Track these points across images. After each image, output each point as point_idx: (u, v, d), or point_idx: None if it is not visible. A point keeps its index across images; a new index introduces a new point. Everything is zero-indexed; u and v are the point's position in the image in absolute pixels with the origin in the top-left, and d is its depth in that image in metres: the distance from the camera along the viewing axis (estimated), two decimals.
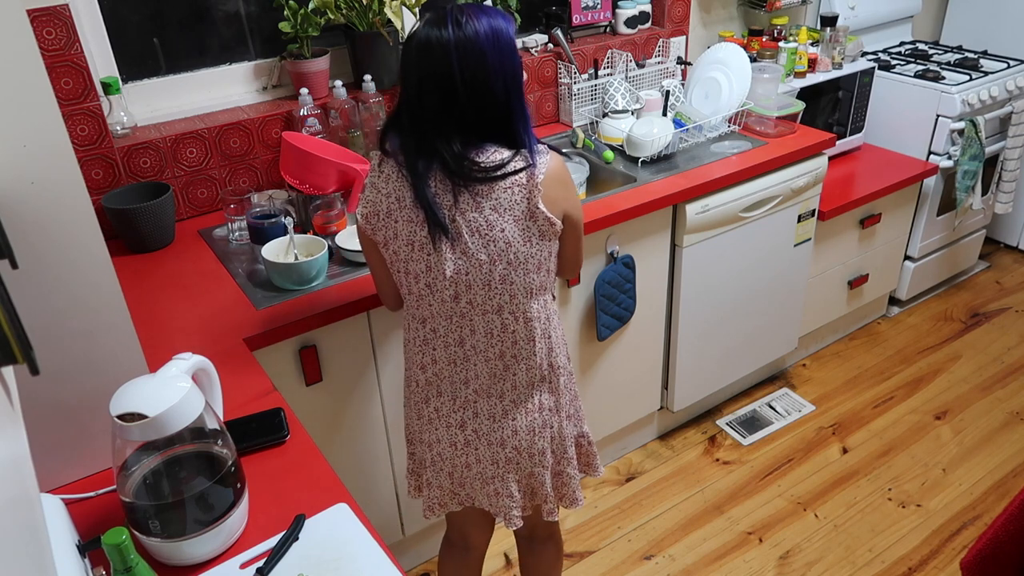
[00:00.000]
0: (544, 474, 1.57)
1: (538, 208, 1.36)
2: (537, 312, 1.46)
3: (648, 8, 2.77)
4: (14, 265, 0.77)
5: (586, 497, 2.49)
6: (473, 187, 1.35)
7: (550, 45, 2.62)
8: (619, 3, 2.71)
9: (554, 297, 1.54)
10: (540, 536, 1.80)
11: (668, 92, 2.45)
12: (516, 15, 2.51)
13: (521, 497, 1.59)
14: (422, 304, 1.46)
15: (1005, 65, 3.15)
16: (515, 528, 1.60)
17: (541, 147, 1.41)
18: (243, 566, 1.15)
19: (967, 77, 3.03)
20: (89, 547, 1.10)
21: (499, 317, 1.44)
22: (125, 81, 2.10)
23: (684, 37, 2.86)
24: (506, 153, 1.36)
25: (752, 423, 2.79)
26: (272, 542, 1.18)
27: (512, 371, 1.48)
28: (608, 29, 2.77)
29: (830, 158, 2.73)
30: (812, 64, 2.82)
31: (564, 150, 2.50)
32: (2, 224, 0.87)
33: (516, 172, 1.35)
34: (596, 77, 2.60)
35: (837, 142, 2.83)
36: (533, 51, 2.58)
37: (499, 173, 1.34)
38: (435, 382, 1.52)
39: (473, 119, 1.34)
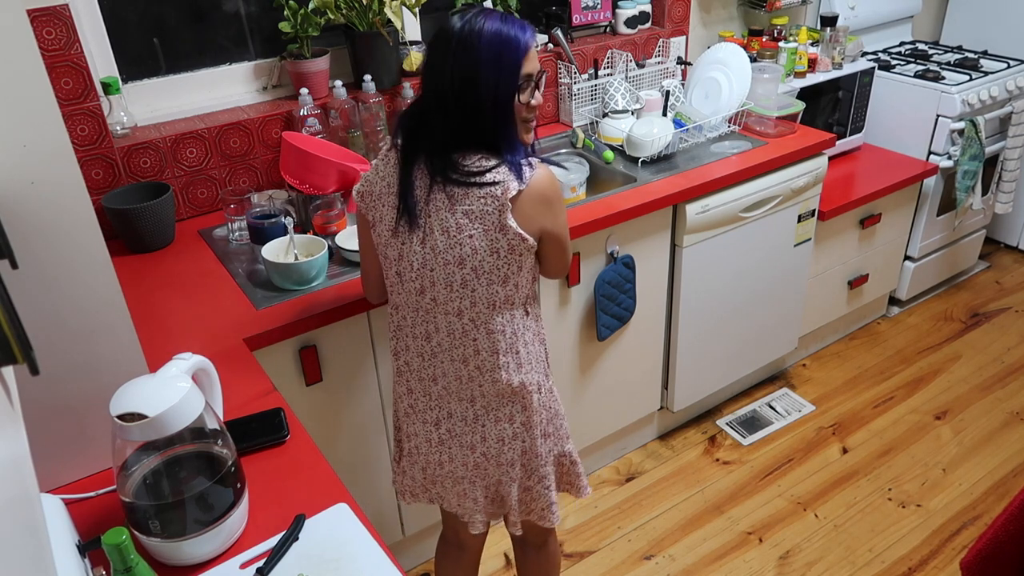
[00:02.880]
0: (511, 485, 1.56)
1: (508, 223, 1.34)
2: (501, 326, 1.44)
3: (648, 8, 2.77)
4: (14, 265, 0.77)
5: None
6: (450, 188, 1.35)
7: (550, 45, 2.62)
8: (619, 3, 2.71)
9: (528, 313, 1.50)
10: (533, 543, 1.79)
11: (668, 92, 2.45)
12: (516, 15, 2.51)
13: (487, 503, 1.59)
14: (394, 291, 1.49)
15: (1005, 65, 3.15)
16: (477, 533, 1.60)
17: (533, 160, 1.39)
18: (243, 566, 1.15)
19: (967, 77, 3.03)
20: (89, 547, 1.10)
21: (459, 321, 1.44)
22: (125, 81, 2.10)
23: (684, 37, 2.86)
24: (492, 162, 1.35)
25: (752, 423, 2.79)
26: (272, 542, 1.18)
27: (478, 382, 1.48)
28: (608, 29, 2.77)
29: (830, 158, 2.72)
30: (812, 64, 2.82)
31: (563, 150, 2.51)
32: (2, 224, 0.87)
33: (492, 184, 1.33)
34: (596, 77, 2.60)
35: (837, 142, 2.83)
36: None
37: (473, 181, 1.34)
38: (406, 372, 1.54)
39: (459, 120, 1.34)
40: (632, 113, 2.47)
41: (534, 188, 1.36)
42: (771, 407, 2.86)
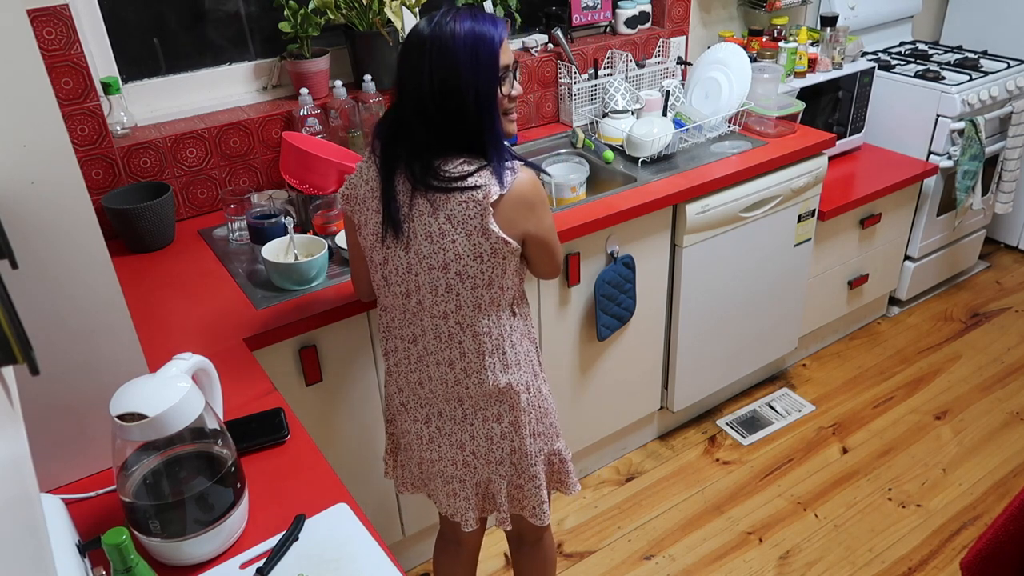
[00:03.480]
0: (500, 483, 1.57)
1: (490, 228, 1.34)
2: (487, 328, 1.44)
3: (648, 8, 2.77)
4: (14, 265, 0.77)
5: (586, 497, 2.49)
6: (431, 194, 1.35)
7: (550, 45, 2.62)
8: (619, 3, 2.71)
9: (515, 314, 1.50)
10: (528, 540, 1.79)
11: (668, 92, 2.45)
12: (516, 15, 2.51)
13: (478, 500, 1.60)
14: (381, 294, 1.49)
15: (1005, 65, 3.15)
16: (470, 531, 1.61)
17: (516, 164, 1.38)
18: (243, 566, 1.15)
19: (967, 77, 3.03)
20: (89, 547, 1.10)
21: (445, 324, 1.44)
22: (125, 81, 2.10)
23: (684, 37, 2.86)
24: (474, 166, 1.34)
25: (752, 423, 2.79)
26: (272, 542, 1.18)
27: (464, 384, 1.48)
28: (608, 29, 2.77)
29: (830, 158, 2.73)
30: (812, 64, 2.82)
31: (563, 150, 2.51)
32: (2, 224, 0.87)
33: (473, 188, 1.33)
34: (596, 77, 2.60)
35: (837, 142, 2.83)
36: (533, 51, 2.59)
37: (455, 186, 1.33)
38: (395, 372, 1.55)
39: (440, 124, 1.33)
40: (632, 113, 2.47)
41: (516, 192, 1.36)
42: (771, 407, 2.86)
